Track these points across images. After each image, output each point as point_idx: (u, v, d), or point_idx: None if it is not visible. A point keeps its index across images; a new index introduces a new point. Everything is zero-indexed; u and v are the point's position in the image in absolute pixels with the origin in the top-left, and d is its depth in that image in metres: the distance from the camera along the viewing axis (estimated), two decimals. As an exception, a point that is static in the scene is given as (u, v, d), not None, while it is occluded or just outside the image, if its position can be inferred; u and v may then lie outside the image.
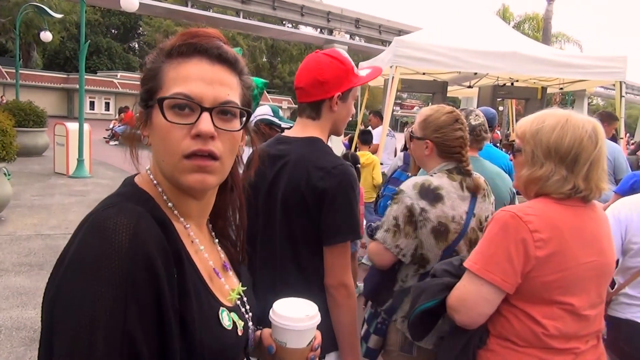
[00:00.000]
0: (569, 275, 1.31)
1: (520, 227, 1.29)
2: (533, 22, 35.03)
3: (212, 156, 0.76)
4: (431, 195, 1.78)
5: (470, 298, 1.35)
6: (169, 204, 0.82)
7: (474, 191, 1.84)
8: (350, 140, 9.05)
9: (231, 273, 0.95)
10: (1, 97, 23.64)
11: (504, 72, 6.64)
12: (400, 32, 9.84)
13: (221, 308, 0.82)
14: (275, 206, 1.54)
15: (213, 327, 0.79)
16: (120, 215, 0.70)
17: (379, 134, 6.52)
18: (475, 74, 7.09)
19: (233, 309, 0.87)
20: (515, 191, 2.47)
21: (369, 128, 7.01)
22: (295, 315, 0.92)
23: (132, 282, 0.66)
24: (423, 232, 1.77)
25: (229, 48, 0.82)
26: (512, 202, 2.44)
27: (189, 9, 21.82)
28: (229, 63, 0.81)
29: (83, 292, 0.65)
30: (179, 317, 0.72)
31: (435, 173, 1.89)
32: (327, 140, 1.65)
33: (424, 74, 7.22)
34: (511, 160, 1.56)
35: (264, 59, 38.95)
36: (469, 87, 8.34)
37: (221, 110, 0.78)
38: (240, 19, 23.13)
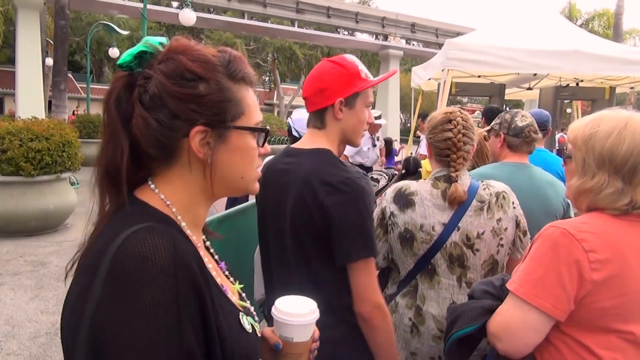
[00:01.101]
0: (629, 300, 1.14)
1: (573, 247, 1.14)
2: (603, 19, 33.19)
3: None
4: (403, 200, 1.72)
5: (515, 325, 1.19)
6: (182, 223, 0.81)
7: (451, 202, 1.69)
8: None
9: (227, 273, 0.96)
10: (76, 107, 25.34)
11: (565, 72, 6.24)
12: (458, 35, 9.56)
13: (240, 313, 0.85)
14: (284, 224, 1.47)
15: (239, 334, 0.81)
16: (155, 235, 0.70)
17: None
18: (535, 74, 6.73)
19: (244, 311, 0.88)
20: (569, 202, 2.27)
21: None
22: (301, 311, 0.97)
23: (184, 300, 0.68)
24: (392, 237, 1.74)
25: None
26: (566, 213, 2.24)
27: (246, 21, 22.38)
28: None
29: (135, 319, 0.64)
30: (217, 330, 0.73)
31: (428, 179, 1.78)
32: (341, 152, 1.56)
33: (479, 76, 6.96)
34: (563, 166, 1.41)
35: (321, 67, 39.19)
36: (529, 89, 7.94)
37: None
38: (296, 29, 23.43)
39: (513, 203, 1.75)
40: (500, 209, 1.70)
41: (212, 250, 0.96)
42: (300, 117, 3.00)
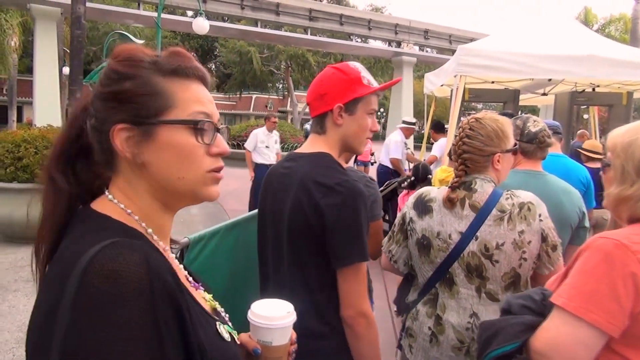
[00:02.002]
0: None
1: (628, 259, 1.08)
2: (620, 24, 32.80)
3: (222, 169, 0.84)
4: (422, 206, 1.71)
5: (565, 342, 1.11)
6: (149, 230, 0.78)
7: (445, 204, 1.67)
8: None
9: (192, 280, 0.92)
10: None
11: (581, 77, 6.14)
12: (471, 41, 9.48)
13: (217, 322, 0.82)
14: (282, 228, 1.46)
15: (219, 344, 0.80)
16: (126, 251, 0.65)
17: (440, 146, 6.27)
18: (550, 80, 6.64)
19: (220, 320, 0.85)
20: (584, 211, 2.21)
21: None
22: (279, 314, 0.96)
23: (162, 317, 0.64)
24: (410, 243, 1.73)
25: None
26: (581, 223, 2.18)
27: (260, 29, 22.55)
28: (208, 85, 0.86)
29: (113, 342, 0.59)
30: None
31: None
32: (344, 159, 1.56)
33: (493, 82, 6.88)
34: (601, 175, 1.36)
35: (334, 74, 39.33)
36: (544, 94, 7.83)
37: (219, 130, 0.84)
38: (309, 36, 23.55)
39: (540, 215, 1.65)
40: (523, 220, 1.62)
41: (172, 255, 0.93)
42: None
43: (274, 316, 0.95)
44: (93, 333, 0.60)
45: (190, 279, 0.90)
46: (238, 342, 0.87)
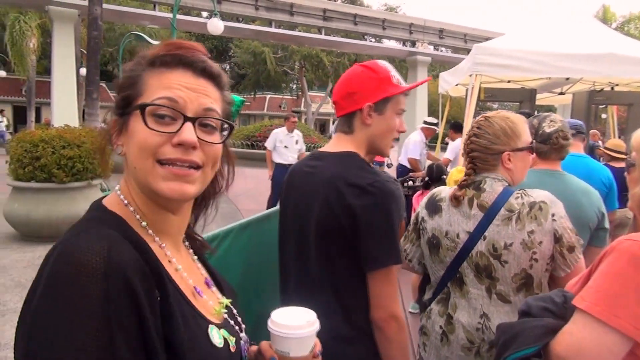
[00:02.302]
0: None
1: None
2: (639, 22, 32.24)
3: (193, 166, 0.76)
4: (433, 205, 1.71)
5: (589, 348, 1.06)
6: (143, 223, 0.78)
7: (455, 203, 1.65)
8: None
9: (214, 289, 0.91)
10: (105, 120, 26.11)
11: (599, 76, 6.04)
12: (486, 40, 9.37)
13: (210, 326, 0.80)
14: (309, 228, 1.43)
15: (203, 346, 0.75)
16: (92, 240, 0.66)
17: (454, 148, 6.21)
18: (567, 79, 6.54)
19: (222, 325, 0.83)
20: (604, 212, 2.16)
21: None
22: (296, 323, 0.91)
23: (115, 309, 0.63)
24: (422, 242, 1.73)
25: (213, 62, 0.81)
26: (600, 224, 2.13)
27: (274, 30, 22.61)
28: (213, 77, 0.81)
29: (63, 326, 0.61)
30: (166, 340, 0.69)
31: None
32: (368, 160, 1.51)
33: (509, 81, 6.80)
34: (626, 176, 1.33)
35: (348, 74, 39.30)
36: (561, 93, 7.73)
37: (203, 123, 0.76)
38: (323, 36, 23.54)
39: (553, 215, 1.59)
40: (533, 220, 1.58)
41: (199, 265, 0.92)
42: None
43: (291, 325, 0.90)
44: (48, 316, 0.62)
45: (208, 279, 0.89)
46: (232, 350, 0.83)
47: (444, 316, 1.71)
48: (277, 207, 3.02)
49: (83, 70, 17.02)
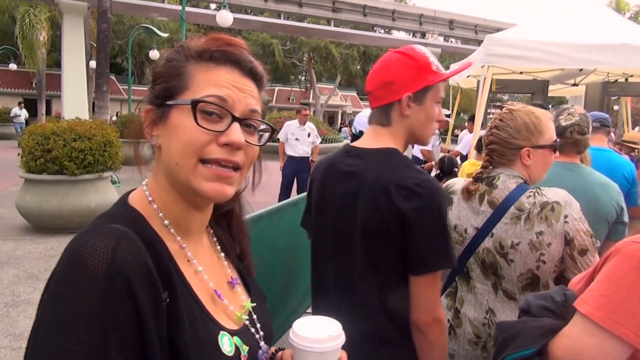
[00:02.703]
0: None
1: None
2: (653, 11, 31.74)
3: (235, 167, 0.75)
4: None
5: (589, 353, 1.03)
6: (165, 221, 0.76)
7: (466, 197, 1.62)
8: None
9: (240, 289, 0.88)
10: (117, 113, 26.31)
11: (614, 67, 5.94)
12: (497, 31, 9.25)
13: (221, 332, 0.77)
14: (353, 229, 1.35)
15: (210, 354, 0.73)
16: (98, 238, 0.64)
17: (466, 141, 6.15)
18: (581, 70, 6.45)
19: (238, 331, 0.80)
20: (623, 206, 2.12)
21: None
22: (317, 336, 0.84)
23: (111, 311, 0.61)
24: None
25: (259, 63, 0.81)
26: (619, 218, 2.09)
27: (282, 21, 22.52)
28: (257, 78, 0.82)
29: (60, 323, 0.60)
30: (170, 344, 0.67)
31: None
32: (404, 151, 1.43)
33: (521, 73, 6.72)
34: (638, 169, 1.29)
35: (357, 66, 39.17)
36: (574, 85, 7.62)
37: (246, 124, 0.76)
38: (332, 28, 23.41)
39: (566, 217, 1.52)
40: (543, 221, 1.52)
41: (225, 263, 0.89)
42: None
43: (311, 337, 0.84)
44: (50, 309, 0.63)
45: (234, 278, 0.87)
46: (243, 359, 0.80)
47: (451, 310, 1.70)
48: (289, 199, 3.02)
49: (93, 63, 17.10)
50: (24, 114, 22.33)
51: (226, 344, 0.76)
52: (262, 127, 0.81)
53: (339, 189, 1.39)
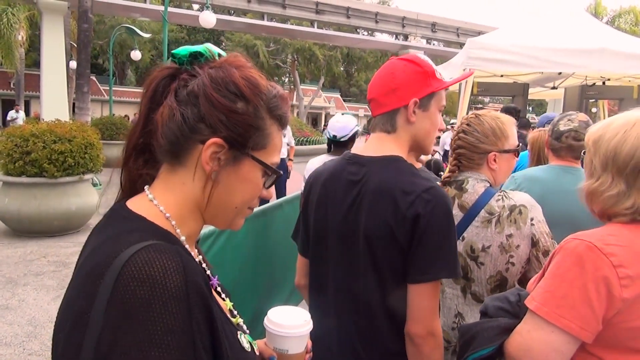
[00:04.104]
0: None
1: (600, 262, 1.04)
2: (629, 16, 32.47)
3: None
4: None
5: (537, 348, 1.08)
6: (182, 237, 0.78)
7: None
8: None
9: (220, 289, 0.91)
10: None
11: (591, 71, 6.07)
12: (479, 34, 9.40)
13: (238, 332, 0.82)
14: (356, 238, 1.33)
15: (239, 354, 0.78)
16: (163, 256, 0.65)
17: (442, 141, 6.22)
18: (560, 73, 6.57)
19: (242, 330, 0.86)
20: None
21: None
22: (296, 322, 0.95)
23: (197, 325, 0.64)
24: None
25: None
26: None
27: (266, 23, 22.49)
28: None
29: (146, 348, 0.59)
30: (213, 350, 0.70)
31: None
32: (407, 159, 1.42)
33: (502, 76, 6.83)
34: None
35: (341, 68, 39.27)
36: (553, 88, 7.77)
37: None
38: (316, 30, 23.47)
39: (532, 219, 1.58)
40: (512, 224, 1.57)
41: (204, 265, 0.91)
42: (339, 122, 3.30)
43: (291, 324, 0.94)
44: (128, 338, 0.59)
45: (214, 281, 0.89)
46: (257, 353, 0.86)
47: None
48: (272, 202, 3.02)
49: (73, 64, 16.87)
50: (21, 116, 21.77)
51: (244, 341, 0.81)
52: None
53: (342, 197, 1.37)
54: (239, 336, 0.80)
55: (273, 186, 0.87)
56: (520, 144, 1.87)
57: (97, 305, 0.61)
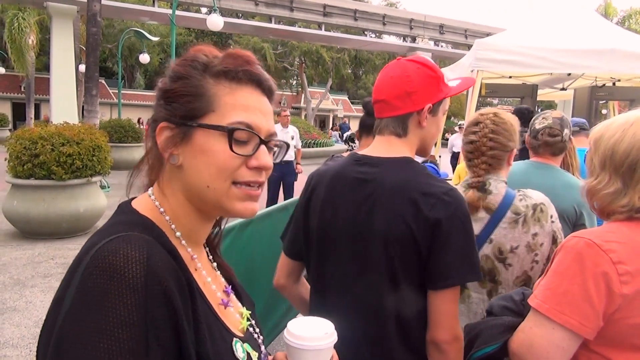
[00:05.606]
0: None
1: (599, 258, 1.05)
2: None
3: (261, 185, 0.79)
4: None
5: (540, 344, 1.10)
6: (177, 233, 0.76)
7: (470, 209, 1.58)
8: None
9: (234, 297, 0.89)
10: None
11: (601, 72, 6.00)
12: (487, 35, 9.38)
13: (234, 339, 0.78)
14: (368, 238, 1.29)
15: None
16: (129, 246, 0.63)
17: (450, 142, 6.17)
18: (569, 74, 6.51)
19: (246, 338, 0.82)
20: (582, 210, 2.14)
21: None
22: (314, 334, 0.86)
23: (152, 321, 0.61)
24: None
25: (271, 78, 0.82)
26: (578, 220, 2.11)
27: (273, 25, 22.55)
28: (272, 95, 0.82)
29: (96, 338, 0.58)
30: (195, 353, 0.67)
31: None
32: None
33: (510, 77, 6.77)
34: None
35: (348, 70, 39.27)
36: (563, 89, 7.69)
37: (268, 145, 0.79)
38: (323, 32, 23.50)
39: (551, 217, 1.59)
40: (537, 222, 1.56)
41: (218, 273, 0.89)
42: None
43: (307, 336, 0.86)
44: (80, 325, 0.59)
45: (228, 288, 0.87)
46: None
47: None
48: (278, 205, 3.00)
49: (82, 67, 16.98)
50: None
51: (239, 350, 0.78)
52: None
53: (351, 196, 1.34)
54: (233, 343, 0.77)
55: (269, 154, 0.78)
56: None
57: (69, 293, 0.62)
